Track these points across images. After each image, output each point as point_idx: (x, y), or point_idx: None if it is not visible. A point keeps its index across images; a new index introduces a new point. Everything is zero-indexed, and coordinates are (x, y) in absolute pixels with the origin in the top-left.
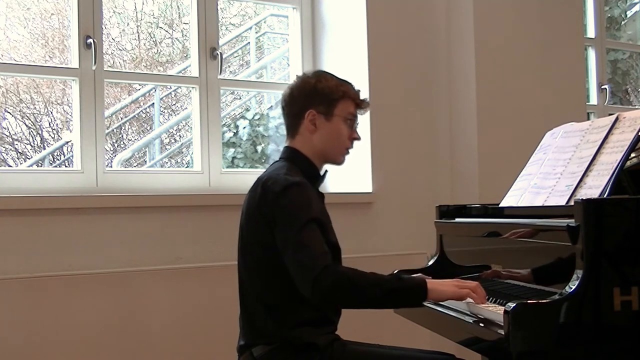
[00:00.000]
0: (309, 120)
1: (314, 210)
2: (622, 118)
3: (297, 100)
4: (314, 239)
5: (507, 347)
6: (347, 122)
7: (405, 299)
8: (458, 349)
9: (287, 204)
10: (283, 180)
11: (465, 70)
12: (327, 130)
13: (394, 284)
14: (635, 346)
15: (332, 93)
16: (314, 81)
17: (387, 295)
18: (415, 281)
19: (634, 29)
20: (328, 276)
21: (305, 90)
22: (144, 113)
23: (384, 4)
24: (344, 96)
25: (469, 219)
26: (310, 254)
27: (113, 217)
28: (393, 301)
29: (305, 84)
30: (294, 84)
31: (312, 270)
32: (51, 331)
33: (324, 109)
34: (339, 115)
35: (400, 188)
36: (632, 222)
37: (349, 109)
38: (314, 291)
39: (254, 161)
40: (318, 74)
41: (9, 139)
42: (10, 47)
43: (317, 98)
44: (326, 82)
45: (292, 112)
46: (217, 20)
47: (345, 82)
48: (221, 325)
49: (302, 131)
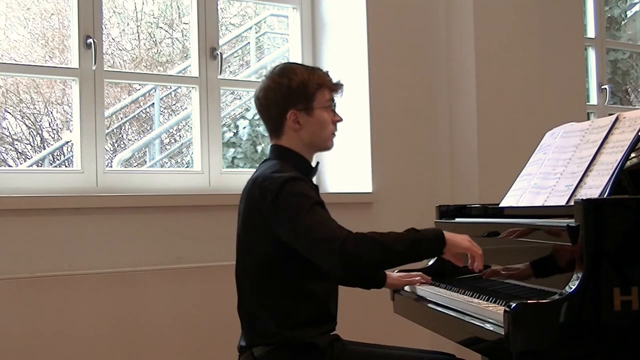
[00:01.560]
0: (292, 121)
1: (315, 196)
2: (622, 118)
3: (273, 104)
4: (324, 216)
5: (507, 347)
6: (328, 109)
7: (427, 248)
8: (458, 349)
9: (288, 197)
10: (278, 177)
11: (465, 70)
12: (311, 124)
13: (414, 236)
14: (635, 346)
15: (307, 88)
16: (286, 81)
17: (410, 247)
18: (434, 231)
19: (634, 29)
20: (352, 241)
21: (280, 92)
22: (144, 113)
23: (384, 4)
24: (320, 87)
25: (469, 219)
26: (327, 228)
27: (113, 217)
28: (415, 252)
29: (279, 85)
30: (265, 86)
31: (335, 240)
32: (51, 331)
33: (303, 106)
34: (319, 107)
35: (400, 188)
36: (632, 222)
37: (325, 96)
38: (343, 259)
39: (254, 161)
40: (287, 70)
41: (9, 139)
42: (10, 47)
43: (293, 97)
44: (298, 77)
45: (271, 114)
46: (217, 20)
47: (315, 70)
48: (221, 325)
49: (286, 131)
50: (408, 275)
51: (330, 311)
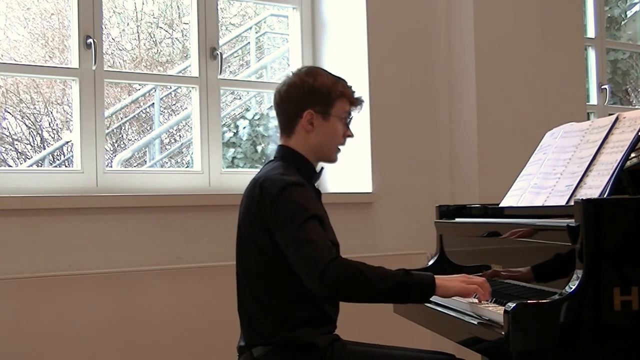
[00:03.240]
0: (306, 120)
1: (314, 208)
2: (622, 118)
3: (294, 99)
4: (317, 233)
5: (507, 347)
6: (343, 120)
7: (413, 294)
8: (458, 349)
9: (286, 203)
10: (280, 180)
11: (465, 71)
12: (323, 129)
13: (402, 278)
14: (635, 346)
15: (330, 93)
16: (311, 80)
17: (394, 289)
18: (424, 277)
19: (634, 29)
20: (335, 268)
21: (303, 89)
22: (144, 113)
23: (384, 4)
24: (341, 96)
25: (469, 219)
26: (315, 248)
27: (113, 217)
28: (400, 296)
29: (303, 83)
30: (290, 82)
31: (319, 263)
32: (51, 331)
33: (321, 109)
34: (336, 115)
35: (400, 188)
36: (632, 222)
37: (345, 107)
38: (322, 284)
39: (254, 161)
40: (313, 71)
41: (9, 139)
42: (10, 47)
43: (315, 97)
44: (323, 80)
45: (288, 110)
46: (217, 20)
47: (340, 80)
48: (221, 325)
49: (298, 130)
50: None
51: (330, 315)
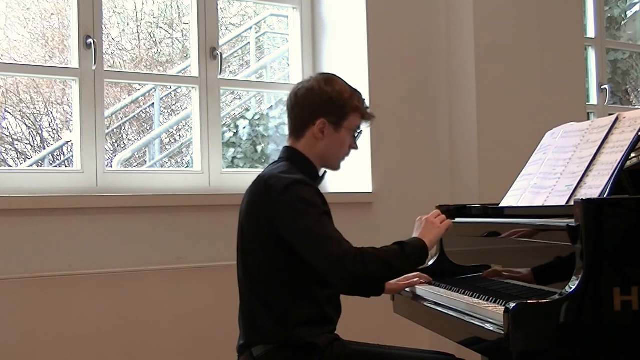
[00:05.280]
0: (318, 128)
1: (323, 205)
2: (622, 118)
3: (309, 105)
4: (333, 229)
5: (507, 347)
6: (352, 133)
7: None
8: (458, 349)
9: (293, 200)
10: (285, 178)
11: (465, 71)
12: (333, 139)
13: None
14: (635, 346)
15: (345, 105)
16: (330, 89)
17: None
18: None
19: (634, 29)
20: (361, 260)
21: (321, 97)
22: (144, 113)
23: (384, 4)
24: (356, 110)
25: (469, 219)
26: (336, 244)
27: (113, 217)
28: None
29: (321, 91)
30: (308, 86)
31: (345, 257)
32: (51, 331)
33: (334, 120)
34: (347, 128)
35: (400, 188)
36: (632, 222)
37: (356, 122)
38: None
39: (254, 161)
40: (332, 80)
41: (9, 139)
42: (10, 47)
43: (330, 108)
44: (341, 92)
45: (301, 115)
46: (217, 20)
47: (356, 93)
48: (221, 325)
49: (308, 135)
50: (406, 278)
51: (330, 315)
